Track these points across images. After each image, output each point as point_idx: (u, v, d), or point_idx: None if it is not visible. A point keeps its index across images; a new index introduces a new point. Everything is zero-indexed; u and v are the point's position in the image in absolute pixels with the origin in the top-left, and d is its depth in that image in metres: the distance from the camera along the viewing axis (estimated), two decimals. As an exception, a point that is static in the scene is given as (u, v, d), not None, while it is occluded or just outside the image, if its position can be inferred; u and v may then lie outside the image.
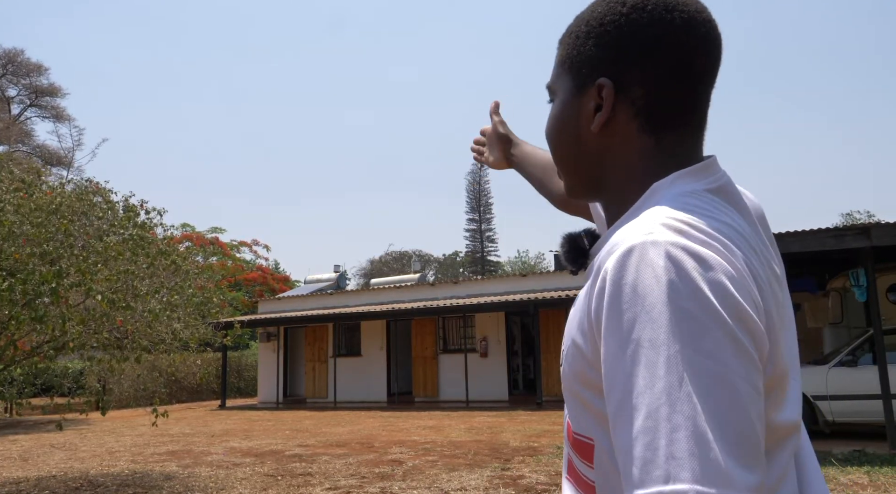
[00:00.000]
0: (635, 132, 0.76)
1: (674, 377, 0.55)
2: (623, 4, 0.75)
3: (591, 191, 0.83)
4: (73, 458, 9.78)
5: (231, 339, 8.68)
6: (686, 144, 0.76)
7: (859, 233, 8.44)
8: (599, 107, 0.76)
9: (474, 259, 47.58)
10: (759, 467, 0.54)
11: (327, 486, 7.04)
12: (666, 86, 0.74)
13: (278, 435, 11.89)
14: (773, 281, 0.69)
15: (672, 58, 0.74)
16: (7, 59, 30.52)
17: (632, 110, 0.75)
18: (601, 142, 0.78)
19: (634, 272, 0.60)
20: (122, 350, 7.13)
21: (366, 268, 50.15)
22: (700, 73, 0.75)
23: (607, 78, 0.76)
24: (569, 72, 0.81)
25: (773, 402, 0.63)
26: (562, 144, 0.82)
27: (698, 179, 0.73)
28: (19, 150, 28.82)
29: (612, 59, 0.76)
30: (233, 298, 28.00)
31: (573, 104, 0.80)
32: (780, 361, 0.64)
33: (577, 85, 0.79)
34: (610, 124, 0.76)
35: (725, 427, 0.53)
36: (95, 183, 7.82)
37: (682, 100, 0.75)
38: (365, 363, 19.62)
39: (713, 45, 0.76)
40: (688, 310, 0.56)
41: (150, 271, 7.15)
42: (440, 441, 10.34)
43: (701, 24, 0.75)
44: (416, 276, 23.57)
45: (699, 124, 0.78)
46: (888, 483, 6.30)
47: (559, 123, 0.82)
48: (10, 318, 5.81)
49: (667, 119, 0.75)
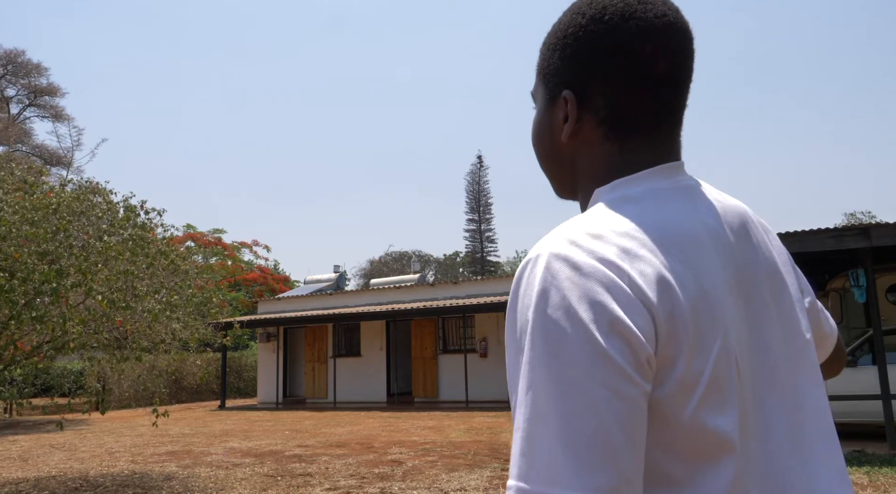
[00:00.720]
0: (600, 139, 0.78)
1: (527, 381, 0.61)
2: (583, 16, 0.78)
3: (568, 193, 0.87)
4: (73, 458, 9.78)
5: (231, 339, 8.69)
6: (652, 148, 0.78)
7: (859, 233, 8.44)
8: (567, 118, 0.79)
9: (474, 259, 47.57)
10: (611, 469, 0.57)
11: (327, 486, 7.04)
12: (627, 94, 0.76)
13: (278, 436, 11.89)
14: (728, 284, 0.69)
15: (630, 66, 0.75)
16: (7, 59, 30.52)
17: (595, 119, 0.78)
18: (571, 150, 0.81)
19: (523, 282, 0.66)
20: (121, 350, 7.13)
21: (365, 269, 50.16)
22: (663, 78, 0.76)
23: (570, 90, 0.79)
24: (542, 82, 0.84)
25: (708, 406, 0.63)
26: (540, 150, 0.86)
27: (643, 183, 0.75)
28: (19, 150, 28.82)
29: (574, 71, 0.78)
30: (233, 298, 28.02)
31: (547, 113, 0.83)
32: (707, 365, 0.64)
33: (549, 95, 0.83)
34: (577, 133, 0.79)
35: (571, 429, 0.58)
36: (95, 183, 7.81)
37: (645, 106, 0.77)
38: (364, 363, 19.62)
39: (676, 49, 0.76)
40: (552, 318, 0.62)
41: (149, 271, 7.15)
42: (440, 441, 10.34)
43: (660, 30, 0.75)
44: (415, 277, 23.56)
45: (669, 127, 0.79)
46: (888, 484, 6.30)
47: (537, 131, 0.86)
48: (11, 318, 5.81)
49: (630, 125, 0.77)
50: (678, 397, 0.63)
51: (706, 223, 0.72)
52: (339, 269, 28.73)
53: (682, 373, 0.63)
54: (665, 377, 0.63)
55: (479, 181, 46.39)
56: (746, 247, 0.75)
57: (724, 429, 0.64)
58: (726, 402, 0.65)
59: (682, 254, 0.67)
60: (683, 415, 0.63)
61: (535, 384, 0.60)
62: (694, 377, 0.63)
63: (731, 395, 0.65)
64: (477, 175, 46.49)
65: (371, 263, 50.17)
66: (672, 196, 0.73)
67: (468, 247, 47.86)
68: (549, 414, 0.59)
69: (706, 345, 0.64)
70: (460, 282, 19.59)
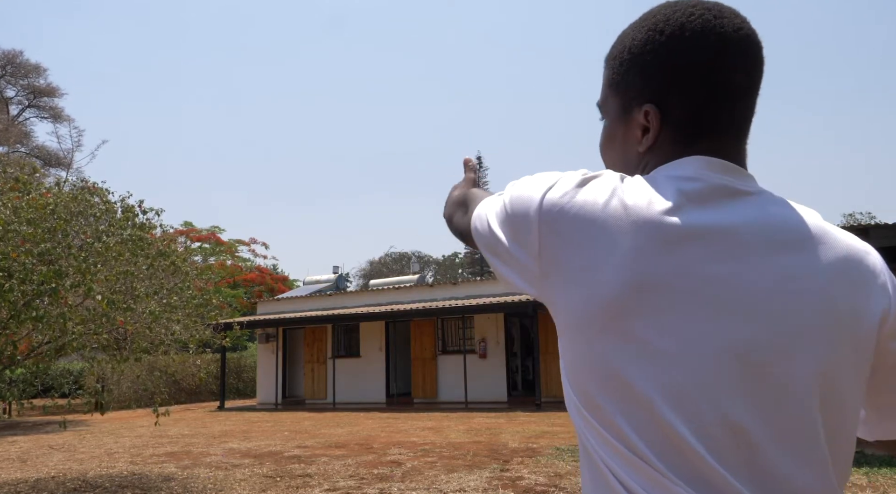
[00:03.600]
0: (671, 143, 0.80)
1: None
2: (661, 33, 0.79)
3: None
4: (72, 459, 9.77)
5: (230, 340, 8.67)
6: (724, 154, 0.79)
7: (858, 233, 8.45)
8: (646, 129, 0.81)
9: (473, 260, 47.56)
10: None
11: (326, 487, 7.04)
12: (706, 106, 0.78)
13: (277, 437, 11.88)
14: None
15: (711, 79, 0.77)
16: (6, 60, 30.49)
17: (675, 131, 0.80)
18: (646, 158, 0.83)
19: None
20: (121, 351, 7.12)
21: (365, 269, 50.16)
22: (739, 88, 0.79)
23: (652, 103, 0.80)
24: (615, 95, 0.86)
25: (607, 335, 0.70)
26: (612, 160, 0.89)
27: (696, 165, 0.77)
28: (18, 151, 28.80)
29: (654, 86, 0.80)
30: (232, 296, 27.99)
31: (621, 125, 0.86)
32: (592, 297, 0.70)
33: (624, 108, 0.84)
34: (655, 143, 0.82)
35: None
36: (92, 183, 7.80)
37: (720, 116, 0.79)
38: (364, 364, 19.61)
39: (753, 60, 0.79)
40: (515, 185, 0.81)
41: (149, 272, 7.14)
42: (439, 442, 10.34)
43: (738, 42, 0.78)
44: (415, 277, 23.55)
45: (736, 134, 0.81)
46: (887, 485, 6.30)
47: (609, 142, 0.88)
48: (10, 318, 5.81)
49: (704, 132, 0.79)
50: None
51: (734, 223, 0.72)
52: (339, 270, 28.74)
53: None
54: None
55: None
56: (782, 264, 0.72)
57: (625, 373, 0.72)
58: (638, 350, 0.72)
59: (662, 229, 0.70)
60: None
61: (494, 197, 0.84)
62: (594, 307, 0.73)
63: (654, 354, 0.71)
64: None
65: (370, 264, 50.18)
66: (715, 193, 0.74)
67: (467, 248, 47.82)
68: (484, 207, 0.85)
69: (589, 282, 0.73)
70: (460, 283, 19.58)
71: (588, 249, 0.70)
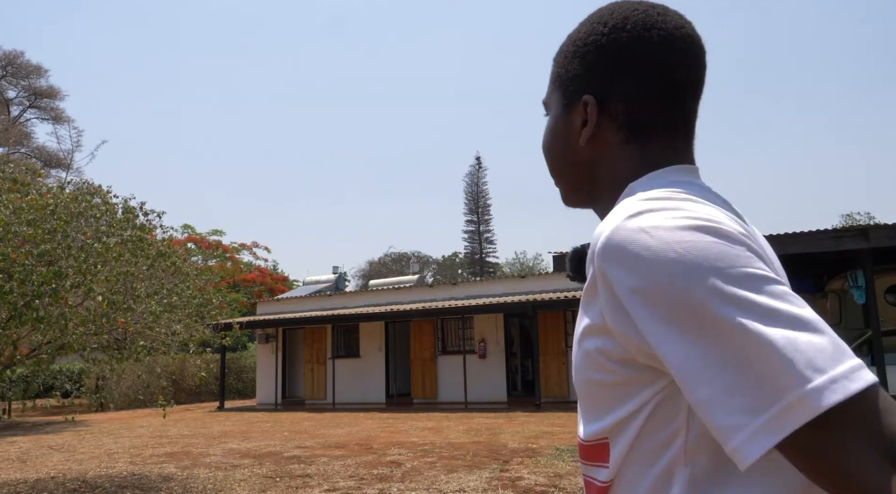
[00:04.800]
0: (620, 143, 0.81)
1: (727, 341, 0.62)
2: (604, 25, 0.81)
3: (583, 199, 0.88)
4: (72, 460, 9.77)
5: (230, 340, 8.67)
6: (672, 154, 0.80)
7: (857, 234, 8.45)
8: (586, 122, 0.81)
9: (473, 260, 47.60)
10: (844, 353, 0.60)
11: (326, 487, 7.04)
12: (647, 100, 0.79)
13: (277, 437, 11.88)
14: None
15: (651, 73, 0.78)
16: (7, 61, 30.50)
17: (615, 124, 0.80)
18: (589, 154, 0.83)
19: (647, 252, 0.63)
20: (121, 351, 7.12)
21: (364, 270, 50.15)
22: (681, 86, 0.79)
23: (591, 95, 0.81)
24: (559, 89, 0.86)
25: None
26: (555, 156, 0.87)
27: (677, 175, 0.77)
28: (18, 152, 28.80)
29: (594, 77, 0.81)
30: (232, 300, 27.98)
31: (563, 119, 0.85)
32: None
33: (566, 101, 0.84)
34: (596, 137, 0.81)
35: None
36: (92, 184, 7.80)
37: (664, 113, 0.79)
38: (363, 364, 19.61)
39: (693, 59, 0.80)
40: (731, 282, 0.62)
41: (149, 273, 7.14)
42: (439, 442, 10.34)
43: (679, 40, 0.79)
44: (414, 278, 23.57)
45: (685, 135, 0.81)
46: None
47: (552, 137, 0.87)
48: (11, 318, 5.81)
49: (650, 130, 0.80)
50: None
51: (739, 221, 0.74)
52: (339, 270, 28.77)
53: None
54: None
55: (477, 182, 46.43)
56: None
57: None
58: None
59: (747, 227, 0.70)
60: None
61: (736, 341, 0.55)
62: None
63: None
64: (476, 176, 46.54)
65: (370, 264, 50.18)
66: (704, 189, 0.75)
67: (467, 248, 47.89)
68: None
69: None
70: (459, 283, 19.59)
71: None
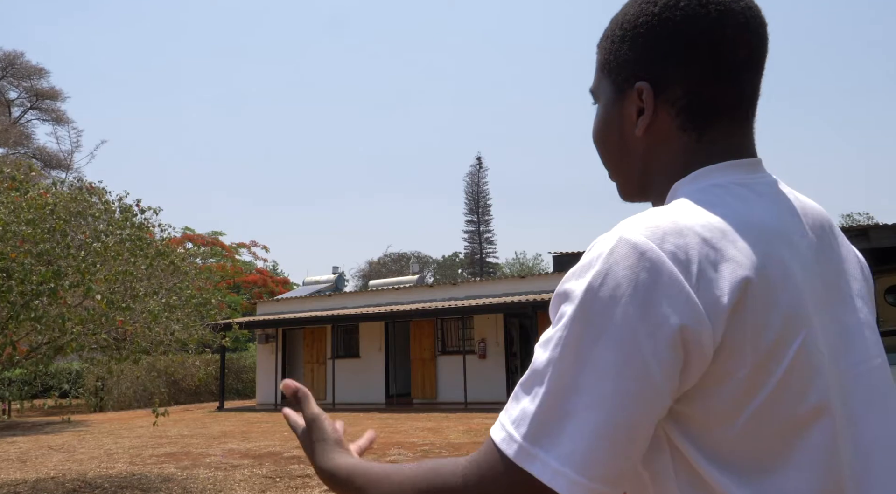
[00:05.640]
0: (676, 131, 0.74)
1: (553, 355, 0.63)
2: (654, 4, 0.74)
3: (640, 192, 0.82)
4: (71, 460, 9.76)
5: (230, 340, 8.66)
6: (731, 138, 0.74)
7: (857, 234, 8.45)
8: (641, 110, 0.75)
9: (473, 260, 47.59)
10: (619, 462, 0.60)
11: (325, 488, 7.02)
12: (706, 83, 0.73)
13: (277, 437, 11.87)
14: (813, 285, 0.67)
15: (710, 52, 0.72)
16: (7, 62, 30.48)
17: (673, 110, 0.74)
18: (645, 144, 0.77)
19: (588, 256, 0.65)
20: (120, 351, 7.11)
21: (364, 270, 50.18)
22: (742, 63, 0.73)
23: (646, 81, 0.75)
24: (608, 76, 0.80)
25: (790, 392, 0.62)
26: (609, 148, 0.82)
27: (726, 174, 0.71)
28: (18, 153, 28.79)
29: (648, 61, 0.74)
30: (232, 301, 27.97)
31: (615, 108, 0.79)
32: (780, 367, 0.62)
33: (617, 89, 0.78)
34: (652, 125, 0.75)
35: (602, 418, 0.61)
36: (90, 183, 7.80)
37: (724, 95, 0.73)
38: (363, 364, 19.61)
39: (755, 33, 0.73)
40: (600, 305, 0.61)
41: (148, 272, 7.14)
42: (439, 442, 10.33)
43: (739, 13, 0.72)
44: (414, 278, 23.56)
45: (744, 116, 0.75)
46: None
47: (605, 127, 0.81)
48: (9, 318, 5.80)
49: (709, 115, 0.73)
50: (739, 398, 0.61)
51: (791, 222, 0.69)
52: (338, 270, 28.77)
53: (742, 381, 0.61)
54: (720, 383, 0.61)
55: (478, 182, 46.44)
56: (829, 254, 0.72)
57: (815, 400, 0.62)
58: (814, 377, 0.63)
59: (768, 248, 0.64)
60: (741, 413, 0.61)
61: (563, 362, 0.61)
62: (760, 380, 0.61)
63: (819, 370, 0.63)
64: (476, 176, 46.55)
65: (370, 264, 50.20)
66: (755, 190, 0.70)
67: (467, 248, 47.89)
68: (571, 391, 0.60)
69: (786, 342, 0.62)
70: (459, 284, 19.57)
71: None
